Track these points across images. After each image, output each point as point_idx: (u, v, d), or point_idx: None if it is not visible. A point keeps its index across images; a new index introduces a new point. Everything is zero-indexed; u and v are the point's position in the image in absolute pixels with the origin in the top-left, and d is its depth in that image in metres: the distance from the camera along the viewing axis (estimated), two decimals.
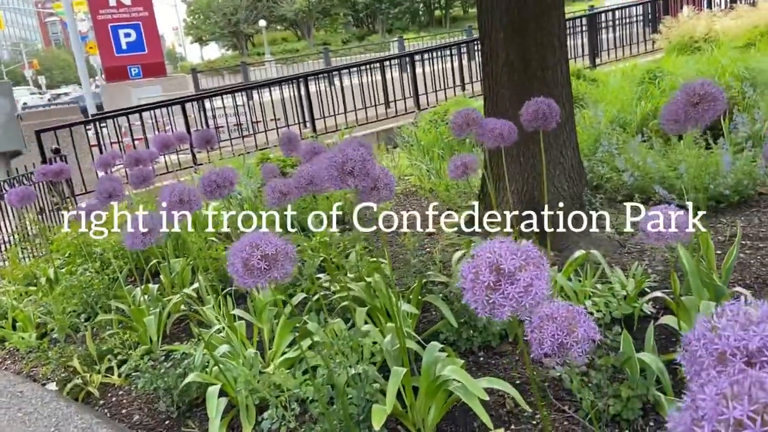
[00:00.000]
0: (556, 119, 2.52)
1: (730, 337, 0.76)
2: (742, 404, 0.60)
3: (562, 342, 1.17)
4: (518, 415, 2.07)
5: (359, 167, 1.60)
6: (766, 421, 0.58)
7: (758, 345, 0.74)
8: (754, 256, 2.82)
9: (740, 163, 3.58)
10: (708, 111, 1.91)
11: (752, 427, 0.58)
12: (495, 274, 1.05)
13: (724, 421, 0.60)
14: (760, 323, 0.77)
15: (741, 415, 0.59)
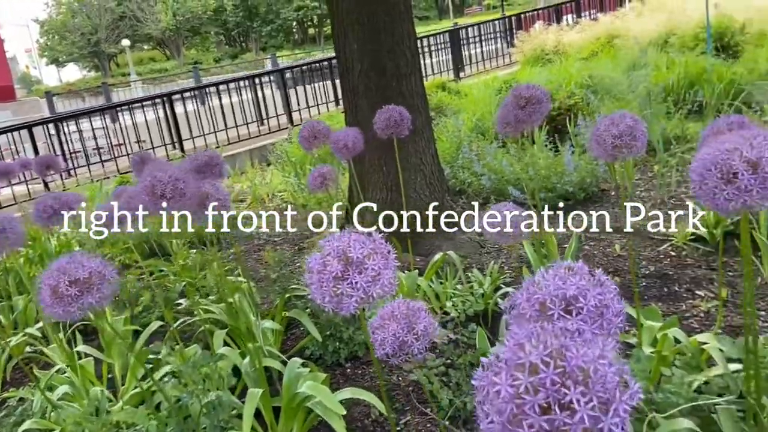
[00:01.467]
0: (409, 126, 2.56)
1: (550, 286, 0.78)
2: (538, 350, 0.60)
3: (404, 340, 1.15)
4: (383, 424, 2.05)
5: (171, 189, 1.51)
6: (559, 365, 0.59)
7: (574, 292, 0.77)
8: (597, 247, 3.02)
9: (584, 163, 3.85)
10: (535, 113, 2.01)
11: (545, 370, 0.58)
12: (343, 263, 1.01)
13: (521, 365, 0.60)
14: (576, 275, 0.79)
15: (536, 360, 0.59)
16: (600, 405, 0.58)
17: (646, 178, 3.95)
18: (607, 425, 0.57)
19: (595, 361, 0.59)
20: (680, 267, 2.66)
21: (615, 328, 0.75)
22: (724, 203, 1.07)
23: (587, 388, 0.57)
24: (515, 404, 0.58)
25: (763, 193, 1.04)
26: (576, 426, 0.56)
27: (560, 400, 0.57)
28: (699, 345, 1.77)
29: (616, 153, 1.73)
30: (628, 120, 1.72)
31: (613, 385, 0.58)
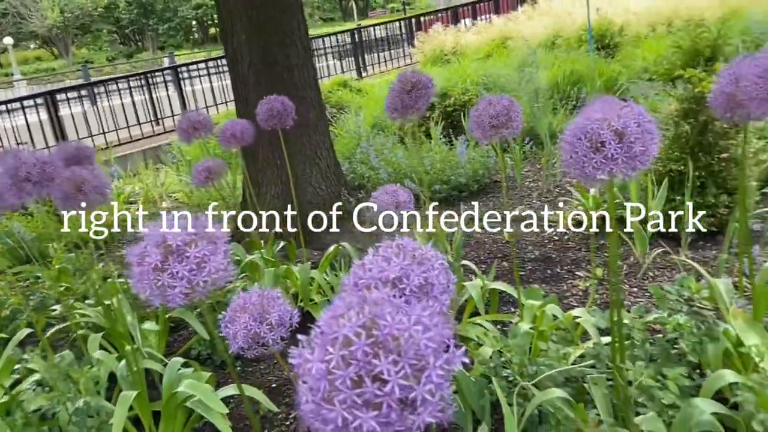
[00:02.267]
0: (293, 116, 2.50)
1: (373, 269, 0.76)
2: (351, 321, 0.58)
3: (256, 332, 1.10)
4: (272, 419, 1.99)
5: (38, 172, 1.39)
6: (372, 335, 0.56)
7: (398, 273, 0.75)
8: (488, 234, 3.10)
9: (477, 156, 3.96)
10: (421, 98, 2.02)
11: (357, 342, 0.55)
12: (163, 252, 0.95)
13: (335, 339, 0.57)
14: (400, 255, 0.77)
15: (349, 332, 0.56)
16: (415, 373, 0.56)
17: (534, 169, 4.11)
18: (420, 393, 0.55)
19: (410, 328, 0.57)
20: (563, 250, 2.78)
21: (443, 305, 0.74)
22: (592, 172, 1.10)
23: (399, 357, 0.55)
24: (328, 381, 0.55)
25: (628, 162, 1.08)
26: (387, 397, 0.54)
27: (371, 372, 0.54)
28: (574, 319, 1.84)
29: (493, 133, 1.76)
30: (504, 101, 1.76)
31: (427, 352, 0.56)
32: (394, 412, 0.54)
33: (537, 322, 1.86)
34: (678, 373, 1.37)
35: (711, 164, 2.52)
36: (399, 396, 0.54)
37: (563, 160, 1.15)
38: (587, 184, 1.12)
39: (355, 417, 0.54)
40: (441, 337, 0.59)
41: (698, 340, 1.52)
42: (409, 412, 0.55)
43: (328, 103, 6.39)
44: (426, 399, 0.55)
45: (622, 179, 1.10)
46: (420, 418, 0.55)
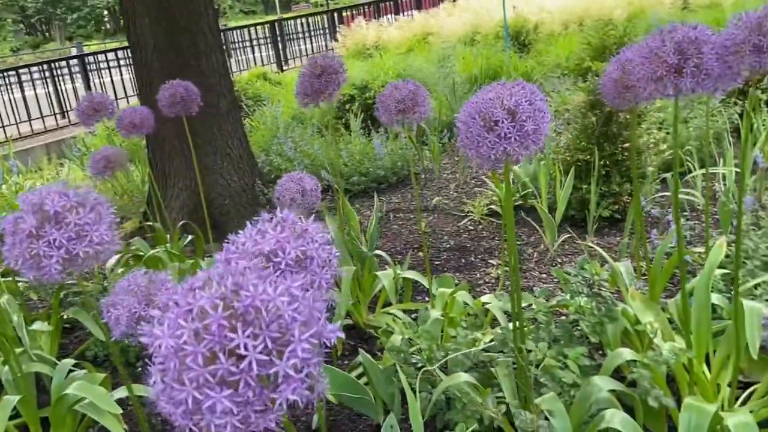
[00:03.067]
0: (198, 103, 2.39)
1: (247, 243, 0.70)
2: (209, 293, 0.52)
3: (141, 315, 1.02)
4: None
5: None
6: (231, 306, 0.51)
7: (273, 247, 0.69)
8: (406, 225, 3.10)
9: (396, 148, 3.94)
10: (330, 82, 1.97)
11: (213, 314, 0.50)
12: (39, 218, 0.85)
13: (189, 311, 0.51)
14: (277, 228, 0.72)
15: (205, 303, 0.51)
16: (278, 348, 0.51)
17: (452, 161, 4.15)
18: (283, 369, 0.50)
19: (275, 299, 0.52)
20: (477, 239, 2.80)
21: (322, 279, 0.69)
22: (487, 151, 1.09)
23: (260, 330, 0.50)
24: (179, 358, 0.49)
25: (521, 141, 1.07)
26: (244, 374, 0.49)
27: (227, 347, 0.49)
28: (483, 305, 1.85)
29: (400, 118, 1.74)
30: (410, 86, 1.74)
31: (293, 325, 0.52)
32: (252, 390, 0.49)
33: (447, 309, 1.85)
34: (578, 353, 1.39)
35: (615, 153, 2.61)
36: (258, 372, 0.49)
37: (459, 141, 1.13)
38: (483, 164, 1.10)
39: (207, 397, 0.48)
40: (311, 310, 0.55)
41: (598, 320, 1.55)
42: (270, 390, 0.50)
43: (246, 96, 6.22)
44: (289, 375, 0.50)
45: (516, 158, 1.10)
46: (282, 396, 0.50)
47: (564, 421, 1.23)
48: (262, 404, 0.50)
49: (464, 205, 3.20)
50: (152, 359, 0.53)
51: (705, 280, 1.46)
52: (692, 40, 1.21)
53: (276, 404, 0.50)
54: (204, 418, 0.49)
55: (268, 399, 0.50)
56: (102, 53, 9.33)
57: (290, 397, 0.50)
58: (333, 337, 0.56)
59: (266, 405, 0.50)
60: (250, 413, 0.50)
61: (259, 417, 0.50)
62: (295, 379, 0.51)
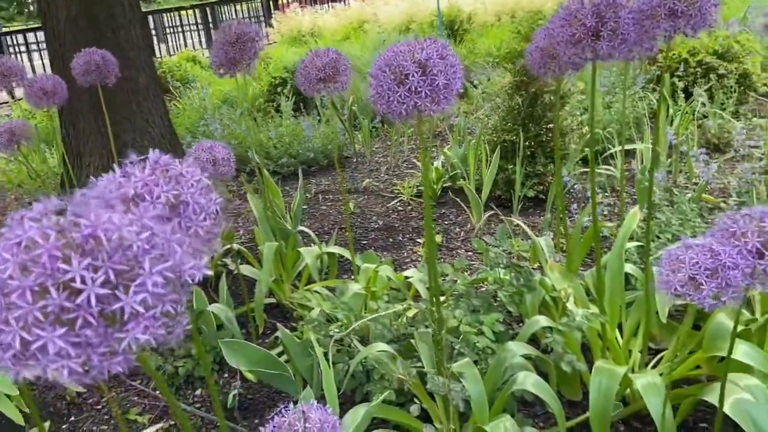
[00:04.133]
0: (115, 73, 2.25)
1: (110, 186, 0.64)
2: (41, 224, 0.46)
3: None
4: (81, 405, 1.78)
5: None
6: (67, 236, 0.45)
7: (140, 190, 0.63)
8: (334, 206, 3.05)
9: (329, 132, 3.88)
10: (246, 51, 1.90)
11: (43, 244, 0.44)
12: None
13: (16, 244, 0.45)
14: (146, 170, 0.66)
15: (35, 234, 0.45)
16: (125, 282, 0.45)
17: (384, 146, 4.13)
18: (129, 304, 0.44)
19: (121, 228, 0.46)
20: (405, 220, 2.79)
21: (198, 227, 0.64)
22: (397, 106, 1.05)
23: (101, 262, 0.44)
24: (4, 296, 0.43)
25: (432, 96, 1.04)
26: (81, 311, 0.43)
27: (60, 280, 0.43)
28: (405, 279, 1.83)
29: (321, 87, 1.69)
30: (332, 53, 1.69)
31: (142, 256, 0.46)
32: (92, 329, 0.44)
33: (371, 283, 1.82)
34: (494, 318, 1.39)
35: (540, 134, 2.64)
36: (100, 309, 0.44)
37: (370, 95, 1.10)
38: (394, 119, 1.07)
39: (37, 337, 0.42)
40: (169, 243, 0.49)
41: (516, 290, 1.56)
42: (116, 330, 0.45)
43: (173, 77, 6.00)
44: (137, 312, 0.45)
45: (428, 115, 1.07)
46: (130, 336, 0.45)
47: (478, 386, 1.22)
48: (107, 345, 0.45)
49: (394, 187, 3.18)
50: None
51: (618, 247, 1.49)
52: (610, 4, 1.22)
53: (122, 345, 0.45)
54: (37, 362, 0.44)
55: (114, 340, 0.45)
56: (21, 33, 8.79)
57: (140, 337, 0.45)
58: (196, 274, 0.51)
59: (109, 346, 0.45)
60: (93, 356, 0.44)
61: (103, 360, 0.45)
62: (146, 317, 0.45)
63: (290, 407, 0.96)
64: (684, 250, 0.88)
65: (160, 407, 1.72)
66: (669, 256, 0.89)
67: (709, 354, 1.32)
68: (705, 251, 0.85)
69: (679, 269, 0.87)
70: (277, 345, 1.90)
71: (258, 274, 2.04)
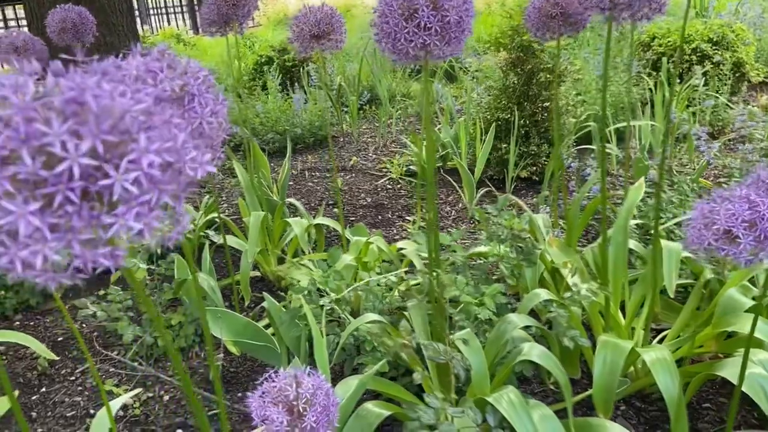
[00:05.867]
0: (93, 32, 2.14)
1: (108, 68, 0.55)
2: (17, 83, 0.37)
3: None
4: (53, 376, 1.68)
5: None
6: (46, 99, 0.36)
7: (141, 74, 0.55)
8: (321, 183, 2.97)
9: (316, 110, 3.79)
10: (240, 6, 1.81)
11: (16, 101, 0.35)
12: None
13: None
14: (148, 57, 0.57)
15: (7, 92, 0.36)
16: (116, 158, 0.37)
17: (372, 127, 4.04)
18: (120, 183, 0.36)
19: (113, 95, 0.38)
20: (394, 198, 2.71)
21: (205, 122, 0.56)
22: (404, 44, 0.97)
23: (87, 129, 0.36)
24: None
25: (443, 34, 0.96)
26: (61, 184, 0.35)
27: (35, 145, 0.35)
28: (398, 251, 1.76)
29: (315, 44, 1.60)
30: (326, 8, 1.60)
31: (134, 126, 0.38)
32: (74, 208, 0.35)
33: (360, 253, 1.74)
34: (496, 289, 1.33)
35: (535, 113, 2.58)
36: (81, 185, 0.35)
37: (375, 35, 1.02)
38: (399, 59, 0.99)
39: (5, 213, 0.34)
40: (167, 126, 0.41)
41: (516, 263, 1.50)
42: (102, 213, 0.37)
43: None
44: (129, 193, 0.36)
45: (437, 57, 1.00)
46: (119, 221, 0.36)
47: (479, 356, 1.16)
48: (90, 231, 0.36)
49: (382, 166, 3.10)
50: None
51: (623, 220, 1.43)
52: None
53: (110, 231, 0.36)
54: (6, 250, 0.35)
55: (99, 226, 0.36)
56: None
57: (132, 225, 0.37)
58: (199, 169, 0.43)
59: (98, 234, 0.37)
60: (74, 242, 0.36)
61: (85, 248, 0.36)
62: (139, 201, 0.37)
63: (281, 372, 0.89)
64: (719, 201, 0.82)
65: (137, 378, 1.63)
66: (701, 210, 0.83)
67: (718, 330, 1.27)
68: (742, 202, 0.79)
69: (713, 222, 0.80)
70: (261, 318, 1.82)
71: (243, 246, 1.95)
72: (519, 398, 1.06)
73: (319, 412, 0.87)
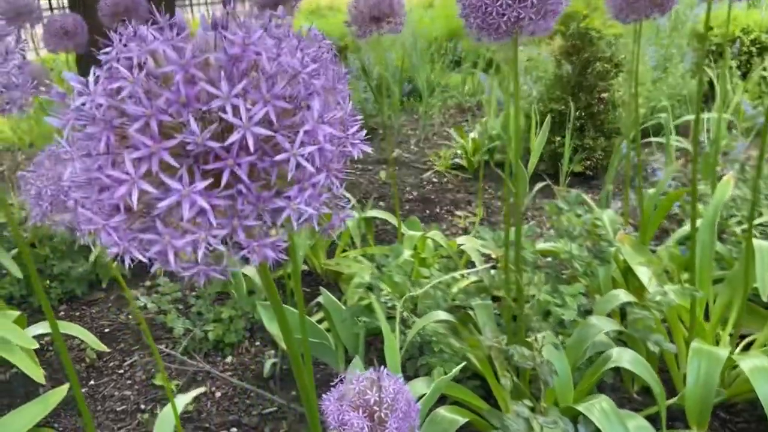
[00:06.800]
0: (145, 17, 2.09)
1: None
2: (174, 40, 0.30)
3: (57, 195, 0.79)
4: (101, 368, 1.64)
5: None
6: (208, 57, 0.29)
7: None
8: (364, 176, 2.90)
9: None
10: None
11: (175, 58, 0.28)
12: None
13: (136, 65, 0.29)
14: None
15: (162, 46, 0.29)
16: (285, 130, 0.30)
17: (412, 119, 3.96)
18: (294, 158, 0.29)
19: (283, 53, 0.31)
20: (441, 192, 2.63)
21: (340, 96, 0.48)
22: (495, 19, 0.90)
23: (258, 93, 0.28)
24: (114, 131, 0.28)
25: (539, 7, 0.89)
26: (230, 158, 0.28)
27: (201, 111, 0.28)
28: (458, 247, 1.68)
29: (374, 27, 1.53)
30: None
31: (308, 91, 0.31)
32: (246, 187, 0.28)
33: (418, 248, 1.67)
34: (577, 289, 1.24)
35: (591, 105, 2.48)
36: (254, 161, 0.28)
37: (460, 10, 0.94)
38: (489, 36, 0.91)
39: (166, 191, 0.27)
40: (332, 93, 0.34)
41: (589, 261, 1.41)
42: (273, 194, 0.30)
43: None
44: (303, 173, 0.29)
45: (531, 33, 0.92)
46: (290, 206, 0.29)
47: (562, 362, 1.08)
48: (256, 216, 0.29)
49: (426, 158, 3.02)
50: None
51: (711, 217, 1.33)
52: None
53: (281, 217, 0.29)
54: (159, 237, 0.28)
55: (269, 210, 0.29)
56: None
57: (304, 209, 0.30)
58: (356, 146, 0.36)
59: (264, 220, 0.30)
60: (239, 229, 0.29)
61: (249, 236, 0.29)
62: (312, 181, 0.30)
63: (356, 374, 0.83)
64: None
65: (188, 373, 1.58)
66: None
67: None
68: None
69: None
70: (313, 313, 1.75)
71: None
72: (612, 407, 0.98)
73: (400, 418, 0.81)
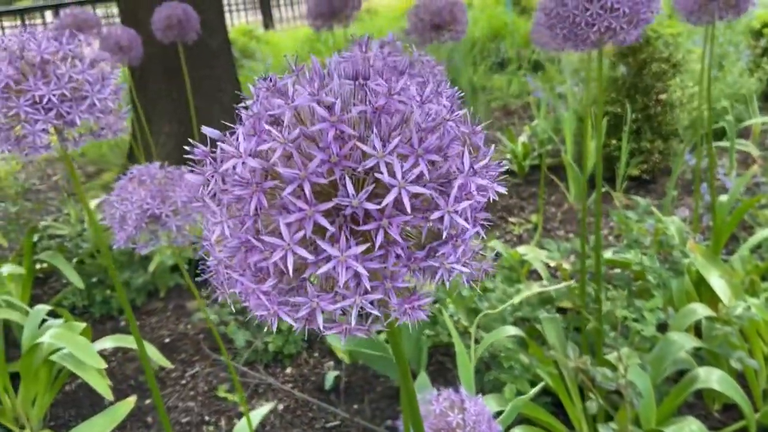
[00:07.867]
0: (197, 29, 2.12)
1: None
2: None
3: (155, 213, 0.79)
4: (164, 379, 1.66)
5: None
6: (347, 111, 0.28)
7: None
8: None
9: None
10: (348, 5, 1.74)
11: (323, 114, 0.27)
12: (19, 67, 0.61)
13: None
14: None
15: (307, 102, 0.28)
16: (433, 184, 0.28)
17: None
18: (448, 215, 0.27)
19: (429, 101, 0.29)
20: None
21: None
22: (584, 29, 0.86)
23: (409, 146, 0.27)
24: (264, 193, 0.26)
25: (632, 16, 0.85)
26: (385, 219, 0.26)
27: (352, 172, 0.26)
28: (520, 257, 1.64)
29: (435, 35, 1.51)
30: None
31: (454, 143, 0.29)
32: (400, 248, 0.26)
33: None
34: (655, 304, 1.19)
35: (647, 107, 2.40)
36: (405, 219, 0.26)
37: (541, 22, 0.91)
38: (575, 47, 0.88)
39: (323, 258, 0.25)
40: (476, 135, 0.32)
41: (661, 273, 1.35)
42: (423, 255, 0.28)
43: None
44: (457, 229, 0.27)
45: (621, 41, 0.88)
46: (443, 264, 0.27)
47: (645, 382, 1.03)
48: (404, 279, 0.27)
49: None
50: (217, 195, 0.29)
51: None
52: None
53: (436, 277, 0.27)
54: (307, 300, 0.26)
55: (420, 269, 0.27)
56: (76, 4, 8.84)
57: (457, 269, 0.28)
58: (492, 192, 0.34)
59: (413, 280, 0.28)
60: (391, 292, 0.27)
61: (402, 300, 0.27)
62: (463, 238, 0.28)
63: (433, 393, 0.84)
64: None
65: (251, 386, 1.58)
66: None
67: None
68: None
69: None
70: None
71: None
72: (703, 431, 0.93)
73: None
